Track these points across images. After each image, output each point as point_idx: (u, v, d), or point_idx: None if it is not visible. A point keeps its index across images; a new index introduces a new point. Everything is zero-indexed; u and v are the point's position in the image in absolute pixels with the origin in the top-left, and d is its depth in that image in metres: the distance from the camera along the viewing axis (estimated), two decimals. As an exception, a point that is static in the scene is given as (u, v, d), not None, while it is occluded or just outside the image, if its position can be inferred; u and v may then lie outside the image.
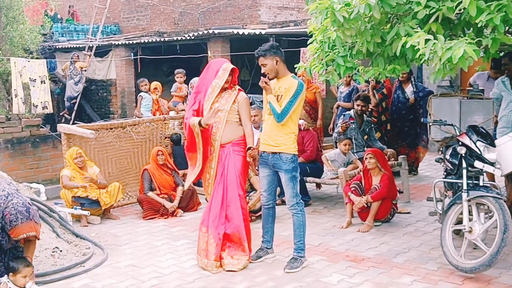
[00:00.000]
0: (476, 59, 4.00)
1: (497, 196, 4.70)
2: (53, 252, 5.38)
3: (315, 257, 5.39)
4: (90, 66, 15.42)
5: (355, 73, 5.70)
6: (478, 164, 4.89)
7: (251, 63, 14.71)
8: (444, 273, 4.90)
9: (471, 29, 4.59)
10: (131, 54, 15.10)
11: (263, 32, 12.35)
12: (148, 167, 7.39)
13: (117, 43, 15.43)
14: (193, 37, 13.18)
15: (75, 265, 5.33)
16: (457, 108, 5.80)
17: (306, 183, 7.36)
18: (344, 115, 7.98)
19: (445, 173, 5.52)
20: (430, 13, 4.29)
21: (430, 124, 5.75)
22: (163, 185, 7.35)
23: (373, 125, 7.97)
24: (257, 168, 5.52)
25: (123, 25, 19.47)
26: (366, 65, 5.64)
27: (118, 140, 7.81)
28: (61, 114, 15.29)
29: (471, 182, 4.92)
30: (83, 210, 6.80)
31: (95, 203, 6.96)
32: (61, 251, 5.45)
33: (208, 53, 12.66)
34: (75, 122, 13.49)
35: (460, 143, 5.08)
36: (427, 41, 4.10)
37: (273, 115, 5.03)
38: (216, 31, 12.85)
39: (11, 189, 4.19)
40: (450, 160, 5.26)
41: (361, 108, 7.72)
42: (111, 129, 7.77)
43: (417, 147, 8.72)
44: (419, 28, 4.43)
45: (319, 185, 7.89)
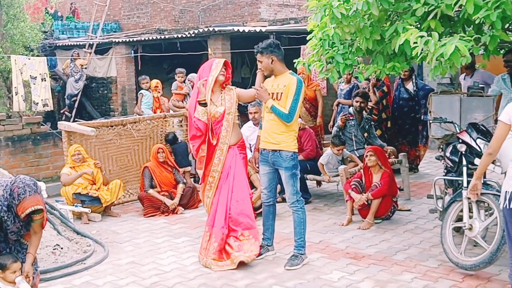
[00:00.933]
0: (467, 55, 3.98)
1: (497, 193, 4.70)
2: (54, 249, 5.40)
3: (315, 254, 5.40)
4: (90, 63, 15.41)
5: (356, 70, 5.69)
6: (478, 161, 4.88)
7: (251, 61, 14.71)
8: (444, 270, 4.91)
9: (471, 27, 4.59)
10: (132, 51, 15.09)
11: (263, 29, 12.35)
12: (148, 165, 7.40)
13: (117, 40, 15.43)
14: (193, 35, 13.17)
15: (76, 262, 5.34)
16: (457, 105, 5.80)
17: (306, 181, 7.37)
18: (343, 108, 7.98)
19: (445, 171, 5.53)
20: (429, 10, 4.29)
21: (430, 121, 5.75)
22: (163, 182, 7.36)
23: (373, 123, 7.97)
24: (257, 165, 5.52)
25: (124, 22, 19.45)
26: (367, 63, 5.64)
27: (118, 137, 7.82)
28: (62, 111, 15.28)
29: (471, 179, 4.91)
30: (84, 207, 6.82)
31: (96, 201, 6.97)
32: (62, 248, 5.47)
33: (208, 50, 12.66)
34: (76, 119, 13.50)
35: (460, 141, 5.09)
36: (421, 38, 4.10)
37: (279, 118, 4.99)
38: (216, 29, 12.84)
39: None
40: (450, 157, 5.27)
41: (360, 104, 7.71)
42: (112, 126, 7.78)
43: (418, 145, 8.72)
44: (419, 25, 4.43)
45: (319, 183, 7.90)
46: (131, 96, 15.46)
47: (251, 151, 6.95)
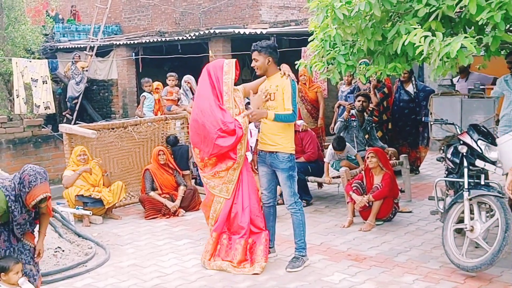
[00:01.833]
0: (475, 52, 4.00)
1: (498, 194, 4.70)
2: (56, 252, 5.40)
3: (317, 256, 5.40)
4: (91, 66, 15.41)
5: (358, 70, 5.68)
6: (479, 163, 4.89)
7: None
8: (445, 272, 4.90)
9: (472, 28, 4.59)
10: (133, 54, 15.10)
11: (264, 31, 12.36)
12: (149, 167, 7.40)
13: (118, 43, 15.44)
14: (194, 37, 13.19)
15: (78, 264, 5.35)
16: (458, 107, 5.79)
17: (307, 183, 7.37)
18: (344, 110, 7.95)
19: (447, 172, 5.52)
20: (430, 11, 4.30)
21: (431, 123, 5.75)
22: (164, 184, 7.36)
23: (374, 124, 7.97)
24: (256, 167, 5.51)
25: (124, 25, 19.47)
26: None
27: (119, 140, 7.83)
28: (63, 114, 15.29)
29: (472, 181, 4.92)
30: (86, 209, 6.83)
31: (99, 202, 6.97)
32: (63, 251, 5.47)
33: (209, 52, 12.64)
34: (77, 122, 13.51)
35: (461, 142, 5.08)
36: (425, 38, 4.10)
37: (286, 121, 5.02)
38: (217, 31, 12.85)
39: None
40: (451, 159, 5.26)
41: (362, 104, 7.71)
42: (113, 129, 7.78)
43: (418, 147, 8.72)
44: (420, 26, 4.43)
45: (320, 185, 7.90)
46: (132, 98, 15.47)
47: (252, 153, 6.95)
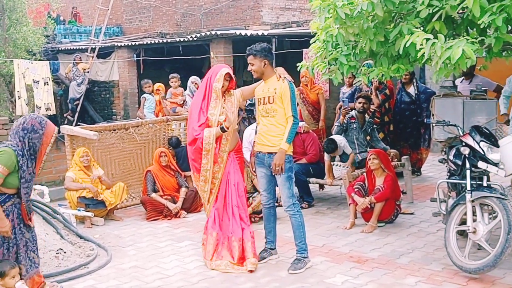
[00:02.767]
0: (474, 59, 3.99)
1: (501, 196, 4.69)
2: (57, 253, 5.39)
3: (318, 258, 5.39)
4: (92, 67, 15.44)
5: (360, 72, 5.68)
6: (481, 164, 4.88)
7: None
8: (448, 273, 4.89)
9: (474, 29, 4.59)
10: (134, 55, 15.12)
11: (265, 33, 12.35)
12: (151, 169, 7.40)
13: (119, 44, 15.46)
14: (195, 38, 13.19)
15: (79, 266, 5.34)
16: (460, 108, 5.78)
17: (309, 184, 7.36)
18: (344, 101, 7.94)
19: (449, 174, 5.51)
20: (433, 12, 4.29)
21: (433, 124, 5.74)
22: (166, 186, 7.36)
23: (375, 126, 7.95)
24: (254, 170, 5.52)
25: (126, 26, 19.50)
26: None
27: (121, 141, 7.82)
28: (64, 115, 15.31)
29: (474, 182, 4.91)
30: (89, 211, 6.82)
31: (101, 204, 6.96)
32: (65, 252, 5.46)
33: (210, 54, 12.67)
34: (78, 123, 13.51)
35: (463, 144, 5.07)
36: (427, 40, 4.10)
37: (294, 133, 5.08)
38: (218, 32, 12.86)
39: None
40: (453, 160, 5.25)
41: (363, 105, 7.68)
42: (114, 130, 7.77)
43: (420, 148, 8.70)
44: (422, 27, 4.43)
45: (322, 186, 7.89)
46: (133, 99, 15.49)
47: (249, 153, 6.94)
